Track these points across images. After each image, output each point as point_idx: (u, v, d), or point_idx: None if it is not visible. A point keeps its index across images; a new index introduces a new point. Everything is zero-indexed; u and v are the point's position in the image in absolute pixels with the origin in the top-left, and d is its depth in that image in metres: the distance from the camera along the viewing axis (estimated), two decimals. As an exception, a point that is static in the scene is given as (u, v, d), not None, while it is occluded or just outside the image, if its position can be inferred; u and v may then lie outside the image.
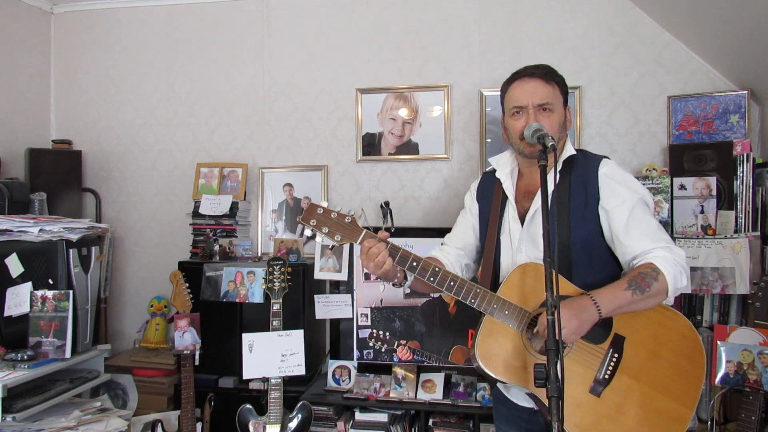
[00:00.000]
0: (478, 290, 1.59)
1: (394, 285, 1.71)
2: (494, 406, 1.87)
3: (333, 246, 1.70)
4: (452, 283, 1.59)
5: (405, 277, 1.69)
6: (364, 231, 1.61)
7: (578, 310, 1.48)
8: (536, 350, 1.56)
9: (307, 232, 1.65)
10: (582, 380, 1.54)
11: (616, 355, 1.56)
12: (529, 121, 1.62)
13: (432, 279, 1.59)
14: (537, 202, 1.66)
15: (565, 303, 1.47)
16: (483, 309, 1.59)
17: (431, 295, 2.83)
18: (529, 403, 1.66)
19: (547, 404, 1.26)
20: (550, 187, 1.46)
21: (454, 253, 1.87)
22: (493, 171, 1.82)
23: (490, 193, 1.82)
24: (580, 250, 1.62)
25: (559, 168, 1.65)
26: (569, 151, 1.70)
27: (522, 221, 1.70)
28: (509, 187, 1.75)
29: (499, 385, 1.76)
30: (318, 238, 1.64)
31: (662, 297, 1.55)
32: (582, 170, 1.67)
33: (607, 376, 1.55)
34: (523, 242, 1.69)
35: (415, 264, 1.60)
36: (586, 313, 1.49)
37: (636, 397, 1.54)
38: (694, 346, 1.59)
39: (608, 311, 1.52)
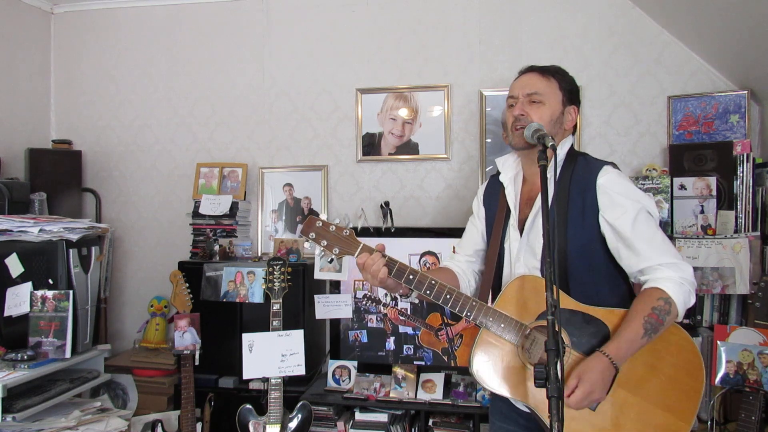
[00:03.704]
0: (473, 303, 1.58)
1: (401, 296, 1.70)
2: (492, 401, 1.86)
3: (332, 260, 1.69)
4: (448, 297, 1.59)
5: (411, 288, 1.66)
6: (362, 244, 1.62)
7: (600, 384, 1.46)
8: (533, 363, 1.54)
9: (307, 245, 1.66)
10: None
11: None
12: (515, 112, 1.65)
13: (428, 292, 1.59)
14: (536, 207, 1.64)
15: (585, 375, 1.45)
16: (478, 322, 1.58)
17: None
18: (527, 408, 1.66)
19: (546, 421, 1.24)
20: (551, 188, 1.45)
21: (465, 260, 1.87)
22: (499, 174, 1.80)
23: (496, 198, 1.80)
24: (578, 258, 1.60)
25: (558, 170, 1.65)
26: (563, 150, 1.69)
27: (522, 229, 1.68)
28: (511, 194, 1.74)
29: None
30: (317, 251, 1.65)
31: (674, 321, 1.55)
32: (582, 176, 1.64)
33: None
34: (521, 251, 1.67)
35: (411, 277, 1.60)
36: (607, 379, 1.47)
37: (632, 411, 1.52)
38: (693, 359, 1.56)
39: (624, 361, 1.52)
